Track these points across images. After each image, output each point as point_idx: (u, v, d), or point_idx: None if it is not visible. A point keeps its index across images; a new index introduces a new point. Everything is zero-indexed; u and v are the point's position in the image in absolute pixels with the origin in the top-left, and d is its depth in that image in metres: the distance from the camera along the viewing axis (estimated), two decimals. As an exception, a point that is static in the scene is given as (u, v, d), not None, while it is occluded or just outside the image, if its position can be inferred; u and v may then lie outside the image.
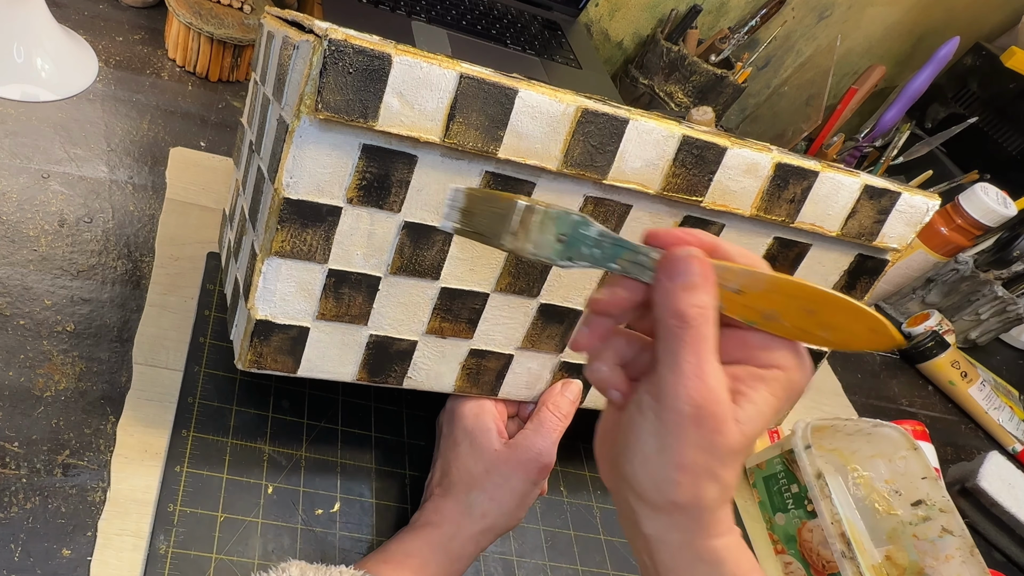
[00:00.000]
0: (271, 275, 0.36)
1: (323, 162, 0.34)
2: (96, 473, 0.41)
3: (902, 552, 0.58)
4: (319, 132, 0.33)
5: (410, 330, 0.41)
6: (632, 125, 0.37)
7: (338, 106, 0.32)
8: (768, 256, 0.44)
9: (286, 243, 0.36)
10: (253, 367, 0.39)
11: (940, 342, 0.85)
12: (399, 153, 0.35)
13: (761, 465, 0.59)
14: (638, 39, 1.08)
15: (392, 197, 0.36)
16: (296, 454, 0.46)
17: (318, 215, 0.35)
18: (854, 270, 0.46)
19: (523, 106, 0.34)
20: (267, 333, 0.38)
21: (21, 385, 0.43)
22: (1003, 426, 0.83)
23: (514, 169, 0.37)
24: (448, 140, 0.34)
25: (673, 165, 0.38)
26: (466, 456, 0.43)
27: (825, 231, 0.43)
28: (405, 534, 0.42)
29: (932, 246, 0.78)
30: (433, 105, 0.33)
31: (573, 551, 0.49)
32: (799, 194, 0.41)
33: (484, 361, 0.44)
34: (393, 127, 0.33)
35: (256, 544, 0.42)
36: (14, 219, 0.50)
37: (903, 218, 0.44)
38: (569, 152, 0.36)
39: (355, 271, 0.38)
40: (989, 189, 0.75)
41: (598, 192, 0.39)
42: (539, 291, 0.42)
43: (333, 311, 0.39)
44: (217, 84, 0.70)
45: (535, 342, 0.44)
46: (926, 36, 1.15)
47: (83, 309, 0.48)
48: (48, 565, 0.37)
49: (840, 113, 0.98)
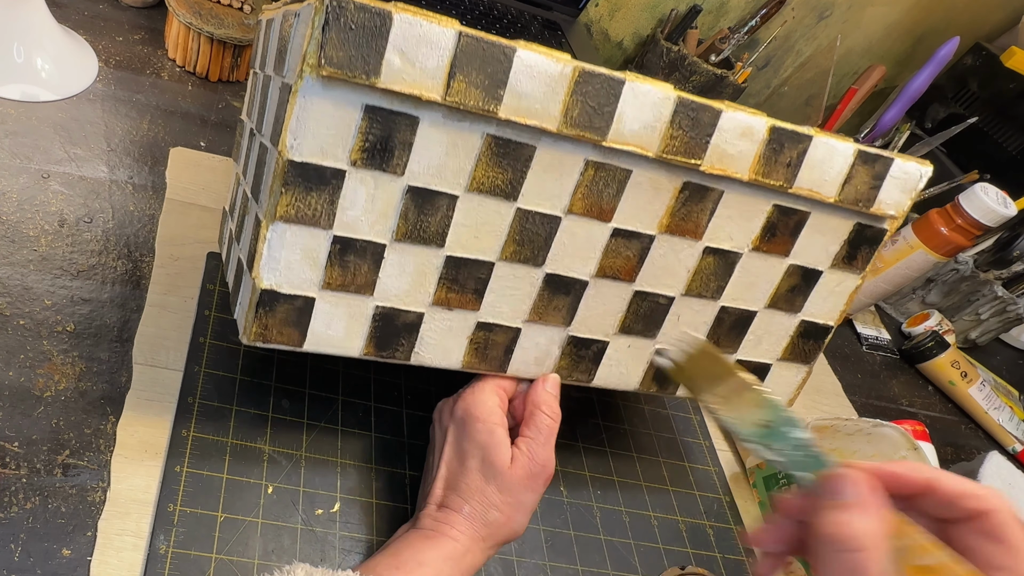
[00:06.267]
0: (276, 242, 0.36)
1: (326, 123, 0.34)
2: (96, 473, 0.41)
3: (902, 552, 0.57)
4: (322, 90, 0.33)
5: (416, 301, 0.41)
6: (628, 86, 0.38)
7: (340, 62, 0.32)
8: (768, 225, 0.44)
9: (291, 207, 0.36)
10: (259, 340, 0.39)
11: (940, 342, 0.85)
12: (401, 114, 0.35)
13: (761, 465, 0.59)
14: (638, 39, 1.08)
15: (395, 160, 0.36)
16: (296, 454, 0.46)
17: (322, 178, 0.35)
18: (854, 239, 0.46)
19: (521, 65, 0.35)
20: (272, 303, 0.38)
21: (21, 385, 0.43)
22: (1003, 426, 0.83)
23: (515, 131, 0.37)
24: (449, 99, 0.35)
25: (670, 127, 0.39)
26: (476, 474, 0.42)
27: (823, 197, 0.44)
28: (418, 541, 0.41)
29: (932, 246, 0.78)
30: (434, 63, 0.34)
31: (573, 551, 0.49)
32: (795, 158, 0.42)
33: (492, 335, 0.43)
34: (395, 84, 0.34)
35: (256, 544, 0.42)
36: (14, 219, 0.50)
37: (898, 184, 0.45)
38: (568, 112, 0.37)
39: (360, 237, 0.38)
40: (989, 189, 0.75)
41: (598, 156, 0.39)
42: (544, 260, 0.42)
43: (339, 280, 0.38)
44: (217, 84, 0.70)
45: (542, 314, 0.43)
46: (926, 36, 1.15)
47: (83, 309, 0.48)
48: (48, 565, 0.37)
49: (840, 113, 0.98)
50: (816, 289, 0.48)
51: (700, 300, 0.46)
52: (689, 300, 0.46)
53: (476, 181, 0.38)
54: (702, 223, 0.43)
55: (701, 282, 0.45)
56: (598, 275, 0.43)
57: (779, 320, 0.48)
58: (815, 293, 0.48)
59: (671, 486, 0.57)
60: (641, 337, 0.46)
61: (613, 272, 0.43)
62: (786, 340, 0.49)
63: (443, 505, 0.42)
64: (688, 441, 0.61)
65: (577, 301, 0.44)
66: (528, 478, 0.42)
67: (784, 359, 0.50)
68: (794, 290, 0.47)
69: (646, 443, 0.59)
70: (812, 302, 0.48)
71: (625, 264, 0.43)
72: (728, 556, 0.54)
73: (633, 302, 0.45)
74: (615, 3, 1.03)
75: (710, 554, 0.54)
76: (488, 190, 0.38)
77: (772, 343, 0.49)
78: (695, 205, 0.42)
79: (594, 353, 0.46)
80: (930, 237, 0.78)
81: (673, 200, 0.42)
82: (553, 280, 0.42)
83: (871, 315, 0.92)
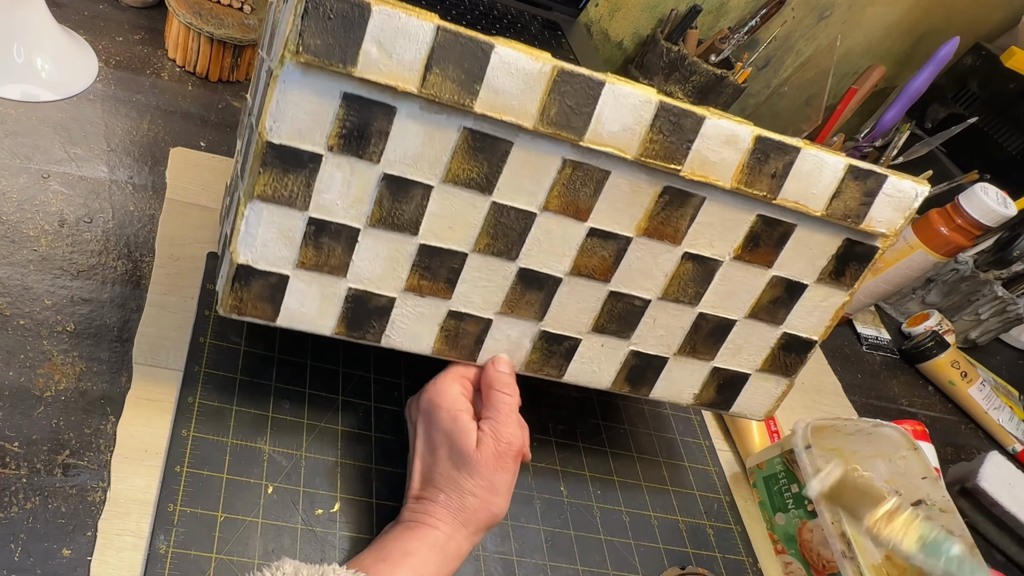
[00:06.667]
0: (253, 219, 0.38)
1: (305, 107, 0.35)
2: (96, 473, 0.41)
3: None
4: (301, 76, 0.34)
5: (389, 286, 0.41)
6: (608, 88, 0.37)
7: (318, 50, 0.33)
8: (752, 235, 0.44)
9: (268, 187, 0.37)
10: (233, 313, 0.40)
11: (940, 342, 0.85)
12: (378, 103, 0.36)
13: (761, 465, 0.59)
14: (638, 39, 1.08)
15: (372, 147, 0.37)
16: (296, 454, 0.46)
17: (299, 161, 0.36)
18: (842, 255, 0.46)
19: (499, 61, 0.36)
20: (248, 278, 0.39)
21: (21, 385, 0.43)
22: (1003, 426, 0.83)
23: (492, 126, 0.38)
24: (425, 91, 0.35)
25: (650, 131, 0.39)
26: (447, 462, 0.43)
27: (809, 210, 0.43)
28: (401, 533, 0.41)
29: (932, 246, 0.78)
30: (411, 55, 0.35)
31: (573, 551, 0.49)
32: (781, 169, 0.41)
33: (463, 324, 0.44)
34: (371, 74, 0.34)
35: (256, 544, 0.42)
36: (14, 219, 0.50)
37: (891, 202, 0.44)
38: (545, 111, 0.37)
39: (335, 220, 0.39)
40: (989, 189, 0.75)
41: (576, 155, 0.39)
42: (518, 254, 0.42)
43: (313, 260, 0.39)
44: (217, 84, 0.70)
45: (514, 308, 0.44)
46: (926, 36, 1.15)
47: (83, 309, 0.48)
48: (48, 565, 0.37)
49: (840, 113, 0.98)
50: (800, 303, 0.47)
51: (677, 305, 0.46)
52: (666, 304, 0.46)
53: (452, 173, 0.38)
54: (681, 228, 0.43)
55: (679, 287, 0.45)
56: (572, 273, 0.43)
57: (760, 331, 0.48)
58: (799, 306, 0.47)
59: (671, 486, 0.57)
60: (615, 337, 0.46)
61: (588, 271, 0.43)
62: (767, 351, 0.49)
63: (421, 497, 0.43)
64: (688, 441, 0.61)
65: (550, 297, 0.44)
66: (495, 458, 0.42)
67: (764, 370, 0.50)
68: (776, 302, 0.47)
69: (646, 443, 0.59)
70: (796, 315, 0.48)
71: (600, 264, 0.43)
72: (728, 556, 0.55)
73: (608, 302, 0.45)
74: (615, 3, 1.03)
75: (710, 554, 0.54)
76: (464, 182, 0.39)
77: (752, 353, 0.49)
78: (675, 210, 0.42)
79: (566, 349, 0.46)
80: (930, 237, 0.78)
81: (652, 204, 0.42)
82: (526, 275, 0.43)
83: (871, 315, 0.92)
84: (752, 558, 0.55)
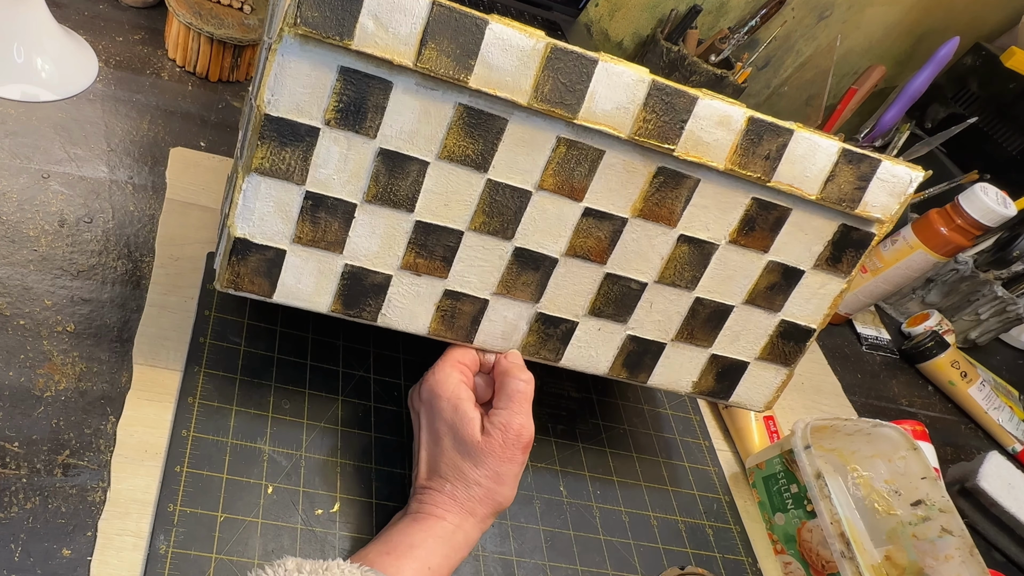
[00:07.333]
0: (251, 192, 0.38)
1: (302, 81, 0.36)
2: (96, 473, 0.41)
3: (902, 552, 0.58)
4: (299, 49, 0.35)
5: (385, 263, 0.42)
6: (602, 66, 0.38)
7: (315, 22, 0.34)
8: (747, 218, 0.44)
9: (265, 160, 0.37)
10: (230, 288, 0.40)
11: (940, 342, 0.85)
12: (375, 78, 0.36)
13: (761, 465, 0.59)
14: (638, 39, 1.08)
15: (368, 122, 0.37)
16: (296, 454, 0.46)
17: (296, 134, 0.37)
18: (838, 241, 0.46)
19: (493, 38, 0.36)
20: (245, 252, 0.39)
21: (21, 385, 0.43)
22: (1003, 426, 0.83)
23: (487, 102, 0.38)
24: (420, 65, 0.36)
25: (644, 109, 0.39)
26: (451, 451, 0.43)
27: (804, 194, 0.43)
28: (407, 525, 0.41)
29: (932, 246, 0.78)
30: (407, 29, 0.35)
31: (573, 551, 0.49)
32: (774, 151, 0.42)
33: (459, 304, 0.44)
34: (368, 47, 0.35)
35: (256, 544, 0.42)
36: (14, 219, 0.50)
37: (886, 187, 0.44)
38: (539, 87, 0.37)
39: (331, 195, 0.39)
40: (989, 189, 0.75)
41: (570, 133, 0.40)
42: (513, 233, 0.42)
43: (310, 235, 0.40)
44: (217, 84, 0.70)
45: (510, 288, 0.44)
46: (926, 36, 1.15)
47: (83, 309, 0.48)
48: (48, 565, 0.37)
49: (840, 113, 0.98)
50: (798, 289, 0.47)
51: (674, 289, 0.46)
52: (662, 288, 0.45)
53: (447, 149, 0.39)
54: (677, 210, 0.43)
55: (675, 271, 0.45)
56: (568, 253, 0.43)
57: (758, 318, 0.48)
58: (796, 293, 0.47)
59: (671, 486, 0.57)
60: (612, 321, 0.46)
61: (584, 252, 0.43)
62: (765, 339, 0.49)
63: (427, 487, 0.43)
64: (688, 441, 0.61)
65: (546, 278, 0.44)
66: (503, 448, 0.42)
67: (762, 359, 0.50)
68: (774, 288, 0.47)
69: (646, 443, 0.59)
70: (793, 302, 0.48)
71: (596, 245, 0.43)
72: (728, 556, 0.55)
73: (604, 284, 0.45)
74: (615, 3, 1.03)
75: (710, 554, 0.54)
76: (459, 159, 0.39)
77: (750, 341, 0.49)
78: (670, 191, 0.42)
79: (563, 332, 0.46)
80: (930, 237, 0.78)
81: (647, 184, 0.42)
82: (522, 254, 0.43)
83: (871, 315, 0.92)
84: (751, 558, 0.55)
